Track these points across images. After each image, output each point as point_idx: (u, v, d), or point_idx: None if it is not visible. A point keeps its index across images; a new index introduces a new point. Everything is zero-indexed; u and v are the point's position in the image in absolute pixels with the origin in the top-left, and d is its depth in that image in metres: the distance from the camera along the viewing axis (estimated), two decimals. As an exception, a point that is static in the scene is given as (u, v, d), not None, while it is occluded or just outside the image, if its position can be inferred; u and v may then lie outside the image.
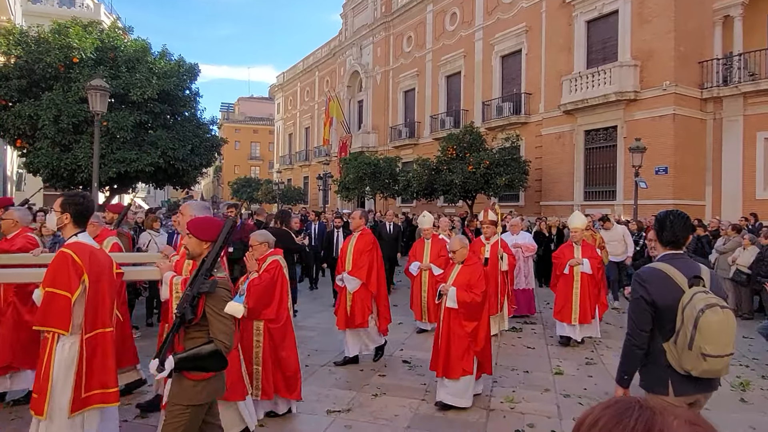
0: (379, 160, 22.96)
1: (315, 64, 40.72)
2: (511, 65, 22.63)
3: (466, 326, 4.69)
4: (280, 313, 4.46)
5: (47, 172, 14.05)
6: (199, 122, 16.53)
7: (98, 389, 3.11)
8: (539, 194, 20.24)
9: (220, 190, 63.42)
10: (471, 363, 4.69)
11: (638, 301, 2.71)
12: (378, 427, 4.40)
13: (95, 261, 3.12)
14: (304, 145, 42.66)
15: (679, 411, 0.77)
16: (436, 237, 7.97)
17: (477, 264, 4.97)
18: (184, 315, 2.71)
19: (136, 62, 14.58)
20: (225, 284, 2.85)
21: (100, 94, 10.23)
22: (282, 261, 4.59)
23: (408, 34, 29.20)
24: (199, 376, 2.75)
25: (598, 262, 7.13)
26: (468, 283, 4.73)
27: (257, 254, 4.54)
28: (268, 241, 4.64)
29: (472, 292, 4.66)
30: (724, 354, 2.54)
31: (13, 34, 13.92)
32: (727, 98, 16.17)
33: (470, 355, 4.69)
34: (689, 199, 16.06)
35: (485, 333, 4.83)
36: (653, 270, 2.74)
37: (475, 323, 4.72)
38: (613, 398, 0.82)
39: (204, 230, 2.97)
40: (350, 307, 6.02)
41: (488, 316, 4.99)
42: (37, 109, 13.11)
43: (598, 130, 18.19)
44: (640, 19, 16.64)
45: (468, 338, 4.69)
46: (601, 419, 0.78)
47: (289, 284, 8.72)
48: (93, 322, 3.11)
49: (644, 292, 2.68)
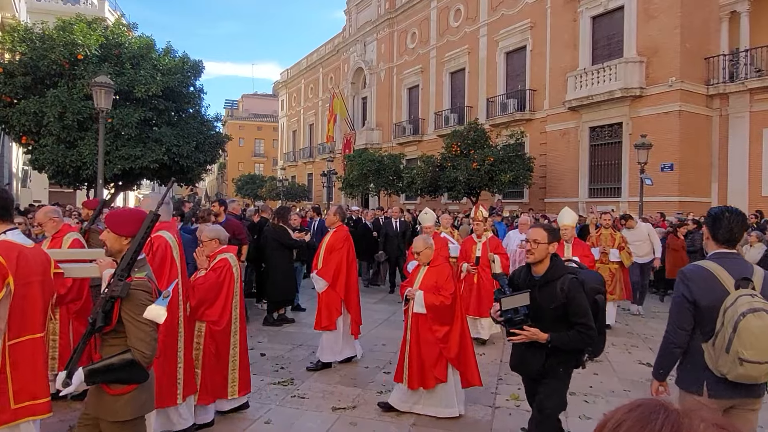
0: (383, 157, 22.96)
1: (319, 60, 40.68)
2: (516, 61, 22.55)
3: (437, 331, 4.38)
4: (224, 315, 4.23)
5: (52, 169, 14.10)
6: (204, 119, 16.54)
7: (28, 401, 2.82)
8: (544, 191, 20.18)
9: (225, 187, 63.49)
10: (444, 370, 4.39)
11: (680, 300, 2.64)
12: (383, 424, 4.40)
13: (24, 262, 2.79)
14: (308, 142, 42.67)
15: (705, 414, 0.75)
16: (437, 235, 7.64)
17: (443, 265, 4.65)
18: (95, 322, 2.42)
19: (141, 59, 14.59)
20: (144, 286, 2.52)
21: (104, 90, 10.23)
22: (232, 260, 4.34)
23: (412, 31, 29.12)
24: (120, 390, 2.47)
25: (590, 262, 6.51)
26: (436, 285, 4.40)
27: (207, 251, 4.34)
28: (218, 237, 4.39)
29: (441, 294, 4.34)
30: (764, 361, 2.44)
31: (17, 31, 13.96)
32: (733, 94, 16.07)
33: (443, 362, 4.38)
34: (695, 196, 15.99)
35: (460, 338, 4.45)
36: (698, 268, 2.65)
37: (446, 328, 4.39)
38: (636, 400, 0.80)
39: (122, 224, 2.63)
40: (318, 307, 5.80)
41: (463, 319, 4.57)
42: (42, 106, 13.14)
43: (603, 127, 18.11)
44: (645, 14, 16.53)
45: (439, 344, 4.37)
46: (624, 422, 0.76)
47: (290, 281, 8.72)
48: (20, 327, 2.81)
49: (686, 291, 2.61)
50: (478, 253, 7.03)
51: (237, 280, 4.37)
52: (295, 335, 7.43)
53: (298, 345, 6.88)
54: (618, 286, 7.91)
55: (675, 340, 2.69)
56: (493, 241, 7.09)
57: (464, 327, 4.59)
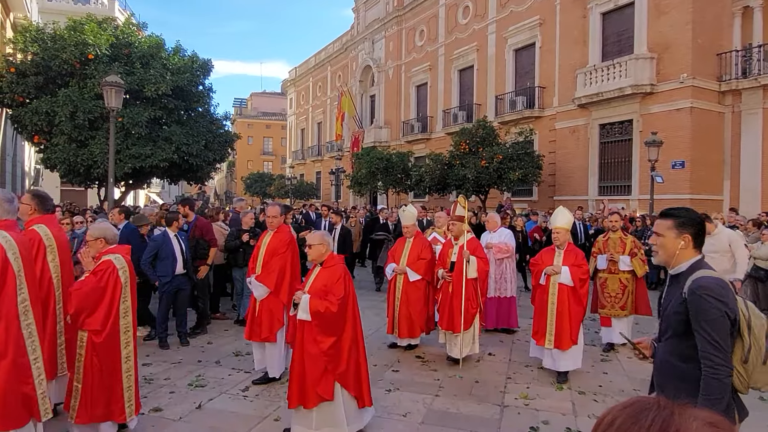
0: (392, 154, 22.93)
1: (327, 59, 40.72)
2: (525, 59, 22.42)
3: (322, 342, 3.81)
4: (107, 324, 3.74)
5: (64, 168, 14.24)
6: (213, 118, 16.64)
7: None
8: (553, 189, 20.07)
9: (234, 186, 63.82)
10: (330, 387, 3.82)
11: (722, 320, 2.21)
12: (392, 422, 4.41)
13: None
14: (317, 140, 42.74)
15: (698, 412, 0.75)
16: (420, 236, 6.88)
17: (337, 266, 4.04)
18: None
19: (150, 58, 14.69)
20: None
21: (115, 90, 10.31)
22: (119, 261, 3.85)
23: (420, 28, 29.05)
24: None
25: (584, 272, 5.55)
26: (324, 289, 3.88)
27: (92, 251, 3.91)
28: (104, 237, 3.94)
29: (327, 299, 3.82)
30: None
31: (29, 31, 14.10)
32: (746, 91, 15.88)
33: (328, 378, 3.82)
34: (707, 194, 15.83)
35: (349, 351, 3.91)
36: (718, 280, 2.31)
37: (332, 339, 3.83)
38: (632, 398, 0.81)
39: None
40: (257, 316, 5.20)
41: (355, 329, 4.02)
42: (54, 106, 13.27)
43: (614, 124, 17.97)
44: (657, 10, 16.36)
45: (324, 357, 3.81)
46: (617, 419, 0.77)
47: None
48: None
49: (726, 308, 2.23)
50: (453, 258, 6.11)
51: (126, 284, 3.86)
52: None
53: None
54: (629, 299, 6.63)
55: (728, 370, 2.23)
56: (472, 243, 6.15)
57: (357, 338, 4.04)
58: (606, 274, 6.72)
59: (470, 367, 5.93)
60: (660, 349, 2.51)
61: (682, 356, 2.35)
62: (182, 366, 5.84)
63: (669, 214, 2.49)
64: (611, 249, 6.72)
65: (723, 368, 2.19)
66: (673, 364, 2.39)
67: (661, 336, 2.50)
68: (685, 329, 2.32)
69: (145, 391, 4.99)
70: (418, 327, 6.38)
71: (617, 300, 6.63)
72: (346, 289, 3.90)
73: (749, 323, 2.28)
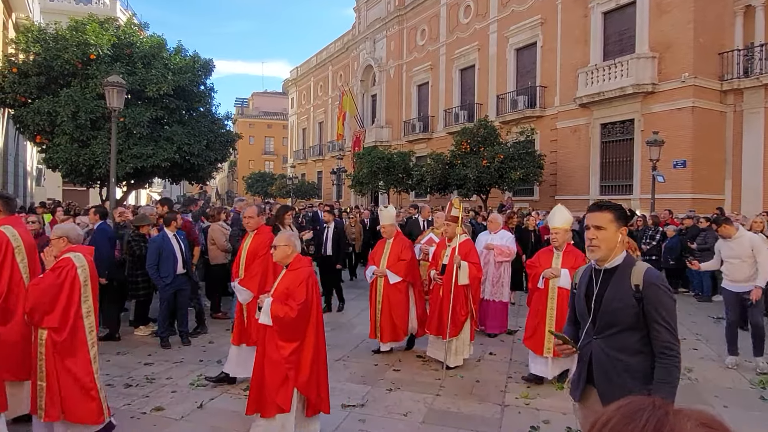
0: (393, 154, 22.93)
1: (328, 58, 40.72)
2: (526, 58, 22.40)
3: (283, 348, 3.67)
4: (66, 322, 3.66)
5: (66, 168, 14.25)
6: (214, 117, 16.63)
7: None
8: (554, 189, 20.06)
9: (235, 185, 63.88)
10: (288, 398, 3.66)
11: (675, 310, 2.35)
12: (392, 421, 4.42)
13: None
14: (318, 140, 42.76)
15: (694, 412, 0.76)
16: (399, 236, 6.58)
17: (303, 268, 3.86)
18: None
19: (152, 58, 14.69)
20: None
21: (116, 90, 10.32)
22: (78, 259, 3.78)
23: (421, 28, 29.04)
24: None
25: None
26: (286, 292, 3.75)
27: (55, 251, 3.87)
28: (67, 236, 3.89)
29: (287, 304, 3.67)
30: None
31: (31, 31, 14.13)
32: (748, 90, 15.85)
33: (288, 387, 3.66)
34: (708, 194, 15.81)
35: (313, 359, 3.75)
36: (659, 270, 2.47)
37: (294, 344, 3.68)
38: (628, 398, 0.82)
39: None
40: (246, 321, 5.05)
41: (318, 335, 3.86)
42: (56, 106, 13.29)
43: (615, 124, 17.95)
44: (658, 9, 16.34)
45: (285, 364, 3.66)
46: (612, 419, 0.78)
47: None
48: None
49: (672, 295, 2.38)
50: (445, 260, 5.90)
51: (87, 283, 3.79)
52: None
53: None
54: None
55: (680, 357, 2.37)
56: (465, 246, 5.88)
57: (319, 345, 3.86)
58: None
59: (471, 366, 5.94)
60: (598, 345, 2.42)
61: (631, 350, 2.33)
62: (184, 365, 5.86)
63: (607, 206, 2.44)
64: None
65: (679, 356, 2.27)
66: (620, 359, 2.34)
67: (599, 332, 2.41)
68: (636, 322, 2.29)
69: (146, 390, 5.02)
70: (401, 330, 6.25)
71: None
72: (308, 294, 3.73)
73: None
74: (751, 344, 6.18)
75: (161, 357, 6.12)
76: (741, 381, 5.58)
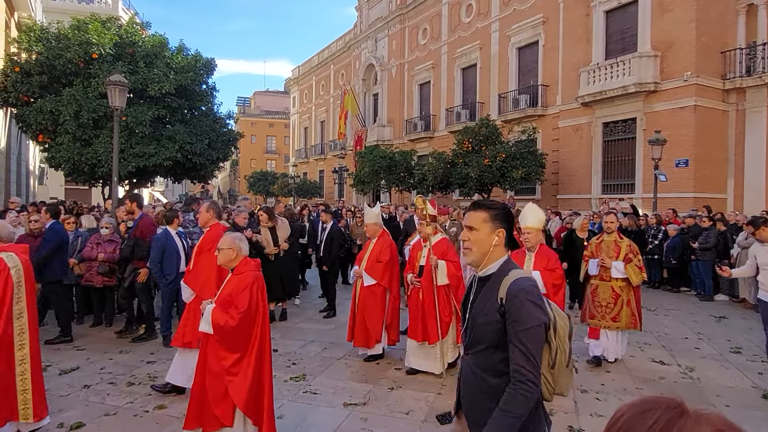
0: (395, 153, 22.93)
1: (330, 57, 40.71)
2: (528, 57, 22.37)
3: (224, 359, 3.42)
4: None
5: (68, 167, 14.31)
6: (216, 116, 16.68)
7: None
8: (556, 187, 20.04)
9: (237, 184, 63.94)
10: (230, 412, 3.41)
11: (539, 330, 1.96)
12: (394, 420, 4.42)
13: None
14: (320, 139, 42.76)
15: (711, 417, 0.74)
16: (384, 236, 6.23)
17: (248, 273, 3.58)
18: None
19: (154, 57, 14.73)
20: None
21: (119, 89, 10.34)
22: (11, 259, 3.67)
23: (423, 27, 29.02)
24: None
25: (557, 278, 4.89)
26: (228, 299, 3.49)
27: None
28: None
29: (228, 312, 3.41)
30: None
31: (34, 30, 14.18)
32: (750, 89, 15.81)
33: (229, 400, 3.42)
34: (710, 193, 15.78)
35: (254, 373, 3.45)
36: (533, 281, 2.06)
37: (235, 355, 3.43)
38: (645, 396, 0.82)
39: None
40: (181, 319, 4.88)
41: (262, 350, 3.54)
42: (58, 105, 13.34)
43: (617, 122, 17.92)
44: (660, 8, 16.30)
45: (227, 376, 3.42)
46: (624, 414, 0.78)
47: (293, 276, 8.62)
48: None
49: (543, 314, 1.98)
50: (422, 261, 5.54)
51: (20, 284, 3.70)
52: (308, 331, 7.48)
53: (311, 341, 6.93)
54: (624, 311, 5.89)
55: (536, 388, 1.97)
56: (441, 245, 5.57)
57: (263, 357, 3.53)
58: (597, 281, 6.04)
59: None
60: (467, 362, 2.15)
61: (494, 371, 2.02)
62: (186, 364, 5.87)
63: (482, 205, 2.17)
64: (604, 253, 6.01)
65: (532, 385, 1.90)
66: (484, 379, 2.04)
67: (469, 348, 2.13)
68: (499, 339, 1.99)
69: (149, 388, 5.03)
70: (373, 337, 5.92)
71: (608, 310, 5.92)
72: (251, 301, 3.45)
73: (555, 325, 2.05)
74: (752, 344, 6.17)
75: (164, 355, 6.13)
76: (743, 380, 5.58)
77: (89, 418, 4.35)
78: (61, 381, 5.24)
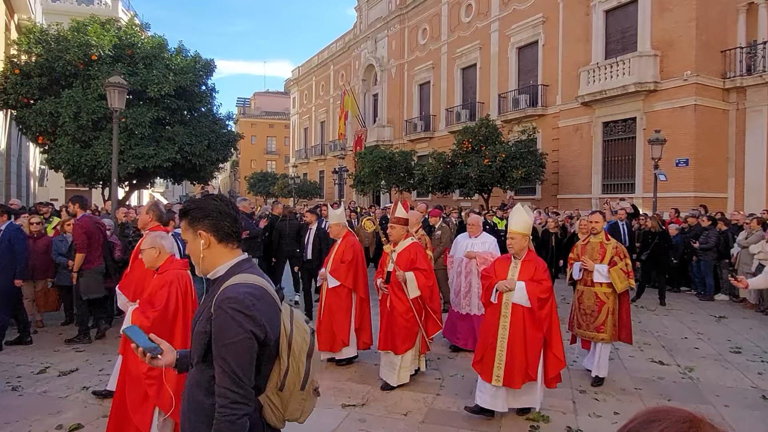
0: (395, 153, 22.93)
1: (330, 58, 40.73)
2: (528, 57, 22.36)
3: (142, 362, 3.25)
4: None
5: (68, 168, 14.30)
6: (216, 117, 16.65)
7: None
8: (556, 187, 20.03)
9: (237, 185, 63.97)
10: (148, 418, 3.31)
11: (246, 344, 1.68)
12: (393, 421, 4.42)
13: None
14: (320, 140, 42.78)
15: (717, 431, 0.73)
16: (348, 237, 6.01)
17: (169, 272, 3.48)
18: None
19: (153, 59, 14.72)
20: None
21: (118, 90, 10.33)
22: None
23: (423, 27, 29.02)
24: None
25: (543, 290, 4.29)
26: (149, 298, 3.39)
27: None
28: None
29: (144, 311, 3.34)
30: None
31: (33, 32, 14.17)
32: (750, 88, 15.80)
33: (148, 406, 3.29)
34: (711, 192, 15.77)
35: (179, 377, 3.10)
36: (254, 288, 1.77)
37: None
38: (659, 406, 0.82)
39: None
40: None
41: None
42: (58, 107, 13.33)
43: (617, 122, 17.91)
44: (660, 7, 16.29)
45: (146, 380, 3.28)
46: (634, 421, 0.79)
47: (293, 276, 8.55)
48: None
49: (255, 326, 1.69)
50: (390, 267, 5.19)
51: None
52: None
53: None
54: (609, 320, 5.31)
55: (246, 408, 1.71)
56: (410, 251, 5.17)
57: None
58: (581, 286, 5.56)
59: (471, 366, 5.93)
60: (189, 375, 1.90)
61: (206, 389, 1.76)
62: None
63: (182, 211, 1.94)
64: (588, 255, 5.49)
65: (236, 406, 1.65)
66: (196, 397, 1.80)
67: (192, 360, 1.87)
68: (206, 354, 1.76)
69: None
70: (339, 340, 5.68)
71: (592, 319, 5.39)
72: (169, 300, 3.29)
73: (290, 340, 1.80)
74: (752, 344, 6.16)
75: (162, 357, 6.12)
76: (743, 380, 5.57)
77: (88, 419, 4.34)
78: (60, 382, 5.24)
